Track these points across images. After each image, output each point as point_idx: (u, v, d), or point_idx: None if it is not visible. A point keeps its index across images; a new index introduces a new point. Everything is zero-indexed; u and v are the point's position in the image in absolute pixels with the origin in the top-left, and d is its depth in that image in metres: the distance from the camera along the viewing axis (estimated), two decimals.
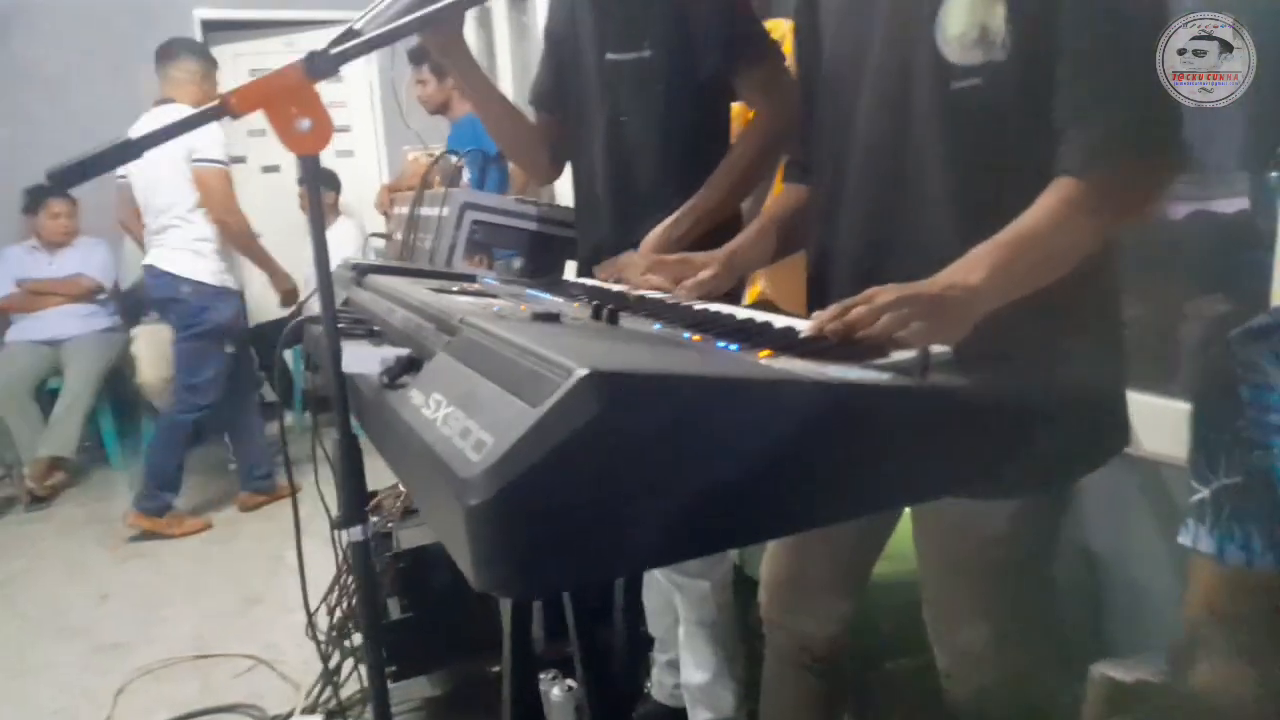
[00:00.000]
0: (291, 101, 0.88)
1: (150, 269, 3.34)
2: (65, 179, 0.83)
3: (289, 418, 4.70)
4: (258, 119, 0.87)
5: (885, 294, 0.79)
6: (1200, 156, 1.59)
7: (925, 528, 1.08)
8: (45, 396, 4.04)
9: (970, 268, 0.84)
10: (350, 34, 1.40)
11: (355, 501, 0.96)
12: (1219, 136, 1.56)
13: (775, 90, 1.39)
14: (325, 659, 1.92)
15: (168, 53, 3.38)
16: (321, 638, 2.00)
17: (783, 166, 1.32)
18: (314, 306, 1.34)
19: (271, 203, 5.12)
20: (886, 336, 0.76)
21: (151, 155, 0.95)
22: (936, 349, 0.73)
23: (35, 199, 4.21)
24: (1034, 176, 0.88)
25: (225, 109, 0.87)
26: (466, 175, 2.42)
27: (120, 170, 3.38)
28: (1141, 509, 1.59)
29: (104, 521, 3.63)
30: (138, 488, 3.43)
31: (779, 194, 1.29)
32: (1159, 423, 1.31)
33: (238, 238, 3.39)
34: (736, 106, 1.54)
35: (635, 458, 0.54)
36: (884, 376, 0.68)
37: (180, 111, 3.59)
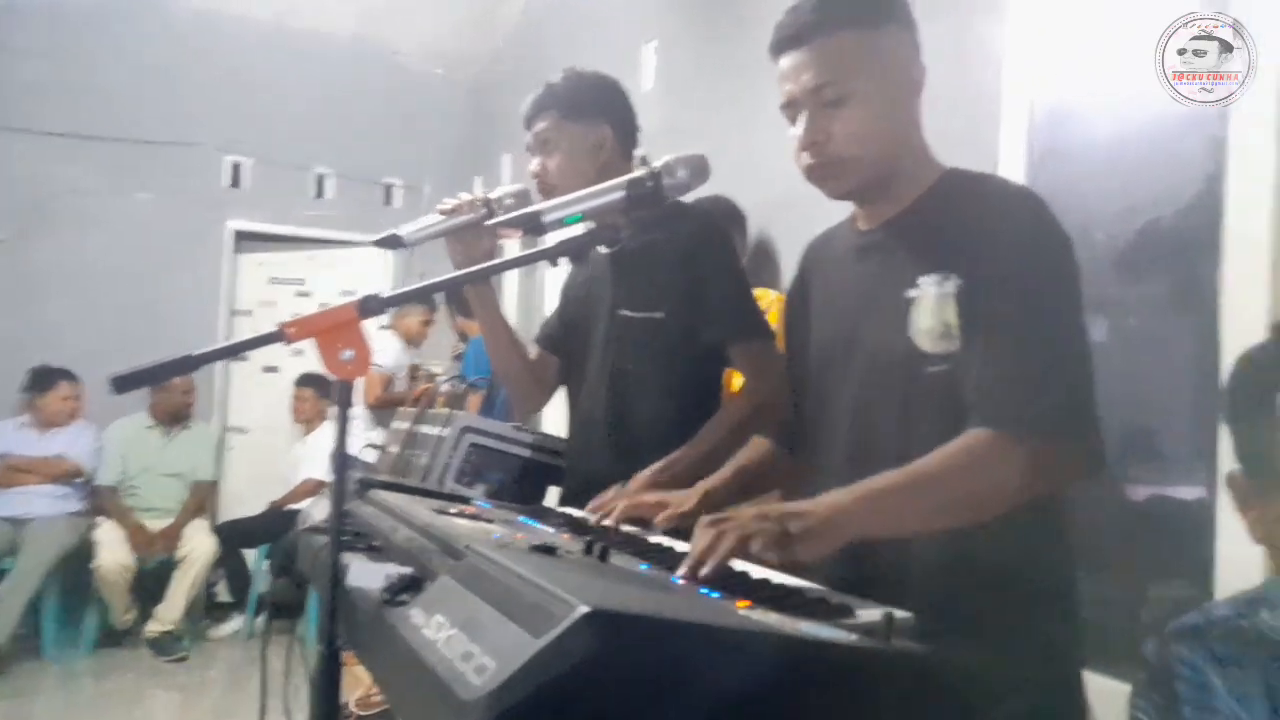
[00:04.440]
0: (340, 334, 0.99)
1: None
2: (126, 385, 0.92)
3: (239, 621, 4.51)
4: (266, 325, 0.98)
5: (746, 511, 0.88)
6: (1159, 445, 1.72)
7: None
8: None
9: (847, 491, 0.93)
10: (394, 239, 1.53)
11: (328, 718, 0.96)
12: (1181, 423, 1.69)
13: (764, 366, 1.54)
14: None
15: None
16: None
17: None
18: (314, 514, 1.39)
19: (268, 401, 5.25)
20: (740, 545, 0.85)
21: None
22: (899, 614, 0.79)
23: (43, 380, 4.30)
24: None
25: (281, 336, 0.98)
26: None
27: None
28: None
29: None
30: None
31: (752, 444, 1.40)
32: (1116, 706, 1.33)
33: None
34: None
35: (624, 693, 0.58)
36: (851, 637, 0.74)
37: (385, 338, 4.28)
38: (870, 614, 0.79)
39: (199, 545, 4.28)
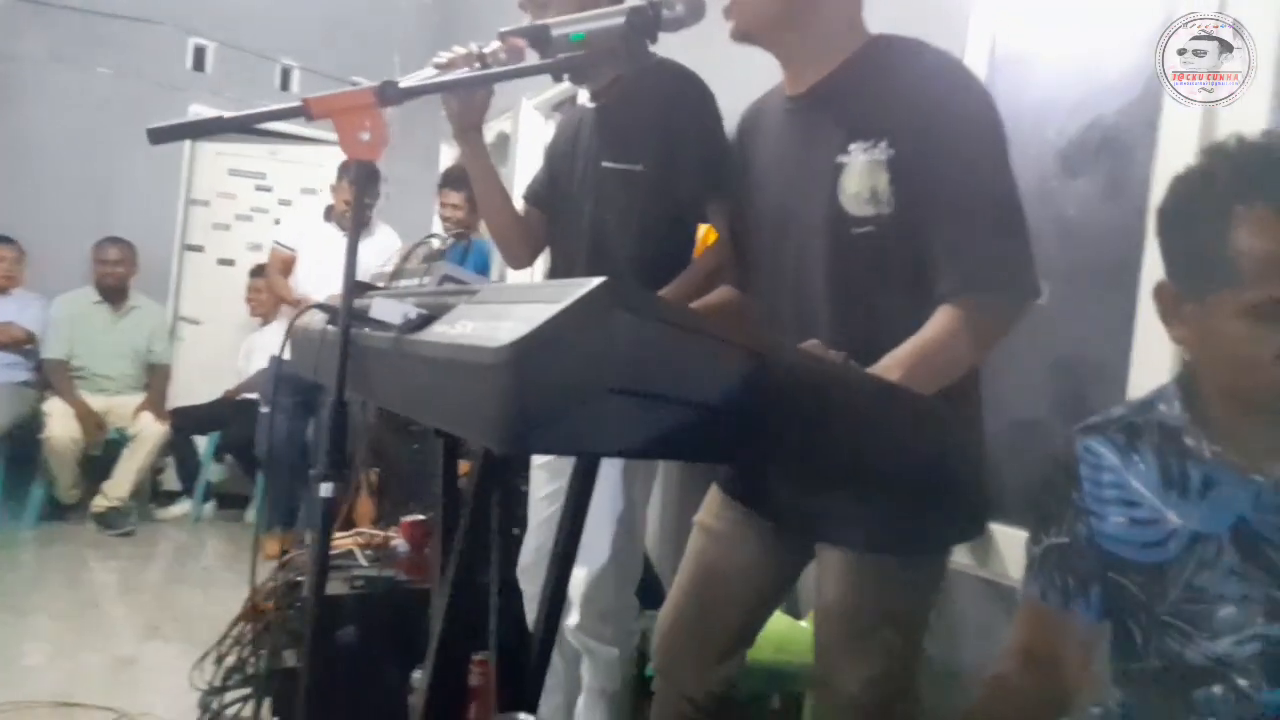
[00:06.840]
0: (357, 115, 1.07)
1: None
2: (162, 137, 1.00)
3: (186, 505, 4.55)
4: (223, 217, 1.04)
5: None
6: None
7: (824, 572, 1.22)
8: None
9: (888, 368, 1.03)
10: (390, 85, 1.59)
11: (335, 461, 1.07)
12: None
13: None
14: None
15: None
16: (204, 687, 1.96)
17: None
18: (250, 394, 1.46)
19: (221, 294, 5.21)
20: None
21: None
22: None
23: None
24: (911, 300, 1.11)
25: (303, 110, 1.06)
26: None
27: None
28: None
29: None
30: None
31: (718, 290, 1.52)
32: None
33: None
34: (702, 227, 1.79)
35: (634, 353, 0.69)
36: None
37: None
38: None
39: (149, 426, 4.28)
